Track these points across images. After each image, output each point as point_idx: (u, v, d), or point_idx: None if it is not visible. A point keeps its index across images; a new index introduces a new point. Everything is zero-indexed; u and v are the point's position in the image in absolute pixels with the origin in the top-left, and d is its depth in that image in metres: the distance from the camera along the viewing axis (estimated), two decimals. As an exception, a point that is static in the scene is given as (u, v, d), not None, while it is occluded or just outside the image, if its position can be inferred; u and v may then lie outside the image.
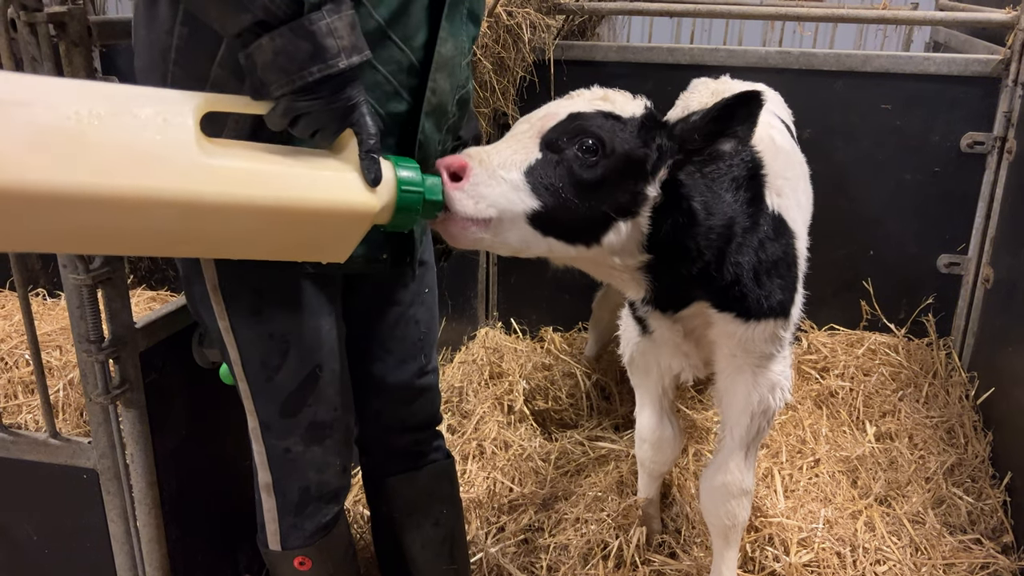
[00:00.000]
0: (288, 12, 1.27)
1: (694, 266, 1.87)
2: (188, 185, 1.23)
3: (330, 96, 1.33)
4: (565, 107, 1.71)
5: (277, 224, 1.35)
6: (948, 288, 3.71)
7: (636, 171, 1.70)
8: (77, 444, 1.98)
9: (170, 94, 1.31)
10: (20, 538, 2.14)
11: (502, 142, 1.67)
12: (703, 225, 1.83)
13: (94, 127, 1.17)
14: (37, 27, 1.57)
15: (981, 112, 3.47)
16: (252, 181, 1.30)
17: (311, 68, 1.29)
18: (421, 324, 2.03)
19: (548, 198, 1.61)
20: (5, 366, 3.05)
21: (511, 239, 1.64)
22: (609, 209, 1.68)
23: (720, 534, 2.37)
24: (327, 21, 1.29)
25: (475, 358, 3.71)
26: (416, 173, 1.49)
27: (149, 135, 1.21)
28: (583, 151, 1.63)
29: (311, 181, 1.35)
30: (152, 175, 1.21)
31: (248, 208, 1.30)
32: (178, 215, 1.25)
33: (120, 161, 1.18)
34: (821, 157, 3.56)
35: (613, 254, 1.77)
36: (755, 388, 2.15)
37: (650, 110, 1.75)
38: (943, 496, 2.90)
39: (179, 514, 2.08)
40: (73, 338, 1.81)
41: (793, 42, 6.29)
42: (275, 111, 1.34)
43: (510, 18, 3.38)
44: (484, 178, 1.57)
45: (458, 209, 1.55)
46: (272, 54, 1.28)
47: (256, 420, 1.80)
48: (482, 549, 2.65)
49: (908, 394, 3.47)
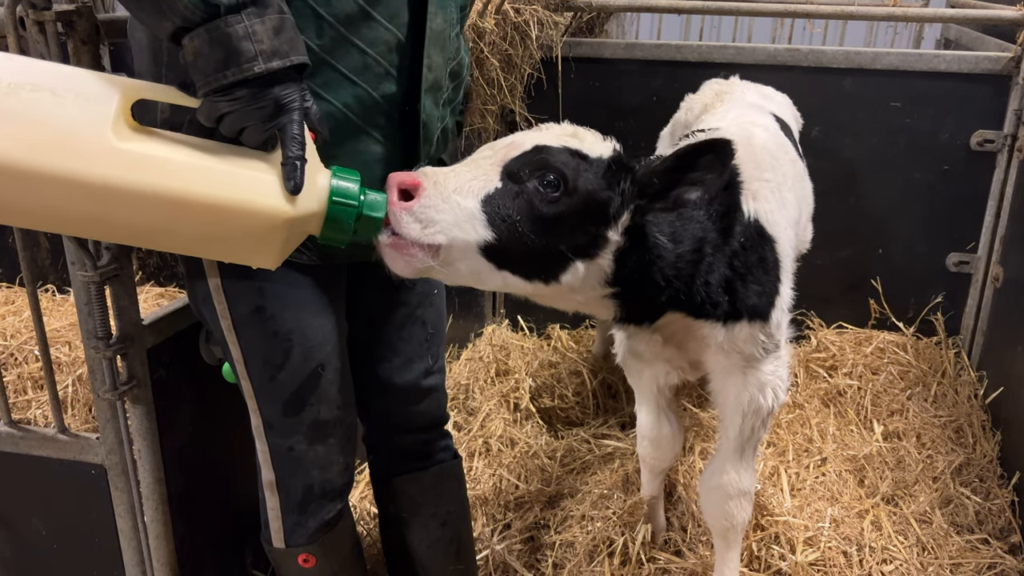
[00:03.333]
0: (204, 16, 1.27)
1: (662, 295, 1.81)
2: (92, 167, 1.23)
3: (250, 99, 1.31)
4: (532, 138, 1.64)
5: (188, 217, 1.32)
6: (957, 287, 3.70)
7: (597, 213, 1.62)
8: (85, 440, 1.99)
9: (103, 79, 1.31)
10: (29, 533, 2.16)
11: (461, 165, 1.59)
12: (670, 256, 1.77)
13: (7, 98, 1.19)
14: (45, 25, 1.58)
15: (991, 110, 3.45)
16: (161, 169, 1.28)
17: (225, 72, 1.28)
18: (428, 325, 2.03)
19: (504, 231, 1.53)
20: (15, 362, 3.07)
21: (461, 269, 1.55)
22: (567, 249, 1.61)
23: (720, 535, 2.37)
24: (245, 24, 1.28)
25: (482, 355, 3.72)
26: (354, 185, 1.43)
27: (64, 113, 1.22)
28: (544, 185, 1.56)
29: (225, 178, 1.32)
30: (58, 152, 1.21)
31: (154, 196, 1.28)
32: (84, 196, 1.25)
33: (27, 134, 1.20)
34: (830, 155, 3.56)
35: (573, 291, 1.70)
36: (745, 388, 2.12)
37: (618, 153, 1.68)
38: (951, 496, 2.89)
39: (187, 510, 2.09)
40: (81, 335, 1.82)
41: (803, 39, 6.25)
42: (200, 110, 1.34)
43: (518, 15, 3.38)
44: (437, 201, 1.48)
45: (403, 231, 1.46)
46: (192, 56, 1.29)
47: (259, 418, 1.80)
48: (488, 546, 2.65)
49: (916, 393, 3.45)
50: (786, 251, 2.12)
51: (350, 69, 1.56)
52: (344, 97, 1.57)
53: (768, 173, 2.15)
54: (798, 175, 2.61)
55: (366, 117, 1.62)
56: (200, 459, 2.15)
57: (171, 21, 1.28)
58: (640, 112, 3.72)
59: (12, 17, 1.59)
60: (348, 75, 1.56)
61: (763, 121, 2.58)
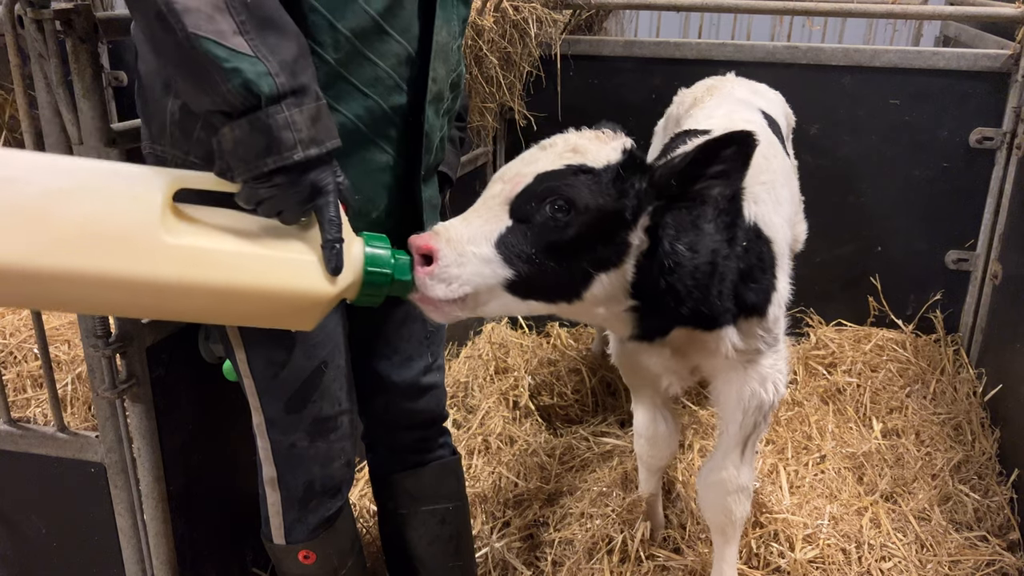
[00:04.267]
0: (245, 103, 1.30)
1: (685, 307, 1.82)
2: (148, 267, 1.27)
3: (288, 185, 1.35)
4: (533, 166, 1.66)
5: (236, 303, 1.39)
6: (956, 284, 3.70)
7: (613, 223, 1.64)
8: (85, 438, 1.99)
9: (144, 172, 1.35)
10: (29, 531, 2.16)
11: (472, 212, 1.64)
12: (690, 266, 1.77)
13: (61, 203, 1.21)
14: (44, 24, 1.58)
15: (990, 107, 3.45)
16: (210, 263, 1.33)
17: (266, 160, 1.32)
18: (428, 322, 2.03)
19: (522, 265, 1.58)
20: (14, 360, 3.06)
21: (490, 308, 1.63)
22: (588, 265, 1.65)
23: (719, 531, 2.37)
24: (286, 115, 1.32)
25: (481, 353, 3.72)
26: (386, 251, 1.51)
27: (116, 214, 1.26)
28: (553, 212, 1.59)
29: (270, 265, 1.38)
30: (114, 254, 1.25)
31: (206, 289, 1.33)
32: (139, 291, 1.29)
33: (84, 240, 1.23)
34: (829, 153, 3.56)
35: (597, 305, 1.73)
36: (746, 383, 2.13)
37: (629, 154, 1.68)
38: (949, 493, 2.89)
39: (186, 508, 2.09)
40: (80, 333, 1.82)
41: (802, 37, 6.25)
42: (239, 195, 1.38)
43: (516, 13, 3.38)
44: (453, 258, 1.55)
45: (431, 294, 1.54)
46: (232, 143, 1.32)
47: (261, 416, 1.80)
48: (487, 544, 2.66)
49: (915, 390, 3.46)
50: (782, 249, 2.13)
51: (362, 81, 1.58)
52: (356, 108, 1.59)
53: (764, 175, 2.16)
54: (786, 172, 2.61)
55: (375, 128, 1.64)
56: (200, 457, 2.15)
57: (210, 99, 1.31)
58: (639, 110, 3.71)
59: (10, 15, 1.59)
60: (360, 87, 1.58)
61: (752, 118, 2.58)
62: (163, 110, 1.55)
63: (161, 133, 1.57)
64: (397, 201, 1.75)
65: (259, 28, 1.32)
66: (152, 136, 1.60)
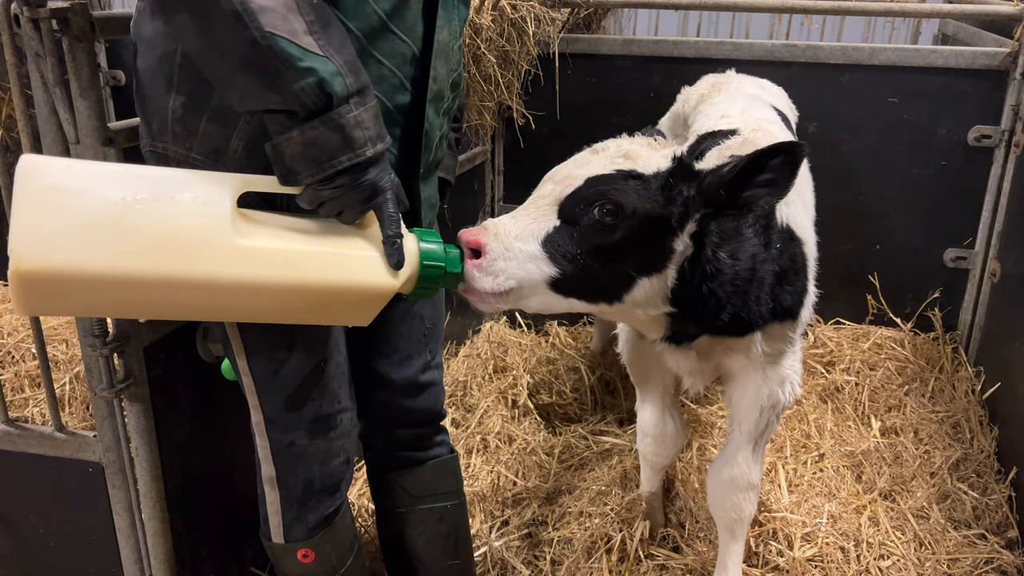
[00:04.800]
0: (316, 102, 1.33)
1: (725, 313, 1.84)
2: (223, 268, 1.33)
3: (351, 183, 1.40)
4: (584, 169, 1.70)
5: (305, 299, 1.44)
6: (955, 282, 3.70)
7: (659, 229, 1.69)
8: (82, 438, 1.99)
9: (211, 178, 1.39)
10: (27, 531, 2.16)
11: (522, 209, 1.70)
12: (730, 272, 1.81)
13: (137, 212, 1.26)
14: (40, 22, 1.57)
15: (989, 105, 3.45)
16: (282, 262, 1.38)
17: (340, 158, 1.36)
18: (426, 320, 2.03)
19: (567, 265, 1.64)
20: (12, 360, 3.06)
21: (532, 303, 1.69)
22: (631, 269, 1.70)
23: (726, 527, 2.37)
24: (355, 114, 1.36)
25: (479, 352, 3.72)
26: (439, 246, 1.56)
27: (188, 219, 1.31)
28: (602, 215, 1.64)
29: (337, 260, 1.43)
30: (190, 258, 1.30)
31: (278, 287, 1.38)
32: (212, 292, 1.34)
33: (161, 245, 1.28)
34: (827, 151, 3.56)
35: (636, 307, 1.77)
36: (765, 383, 2.15)
37: (679, 160, 1.70)
38: (948, 491, 2.89)
39: (184, 508, 2.09)
40: (78, 333, 1.82)
41: (800, 35, 6.25)
42: (302, 198, 1.42)
43: (514, 11, 3.37)
44: (501, 252, 1.61)
45: (478, 287, 1.61)
46: (303, 146, 1.34)
47: (260, 414, 1.80)
48: (486, 543, 2.66)
49: (914, 389, 3.46)
50: (812, 251, 2.15)
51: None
52: None
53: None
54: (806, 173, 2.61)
55: None
56: (198, 456, 2.15)
57: (279, 96, 1.32)
58: (637, 108, 3.72)
59: (6, 14, 1.59)
60: None
61: (771, 116, 2.57)
62: (164, 107, 1.54)
63: (162, 130, 1.56)
64: None
65: (325, 28, 1.34)
66: (152, 134, 1.59)
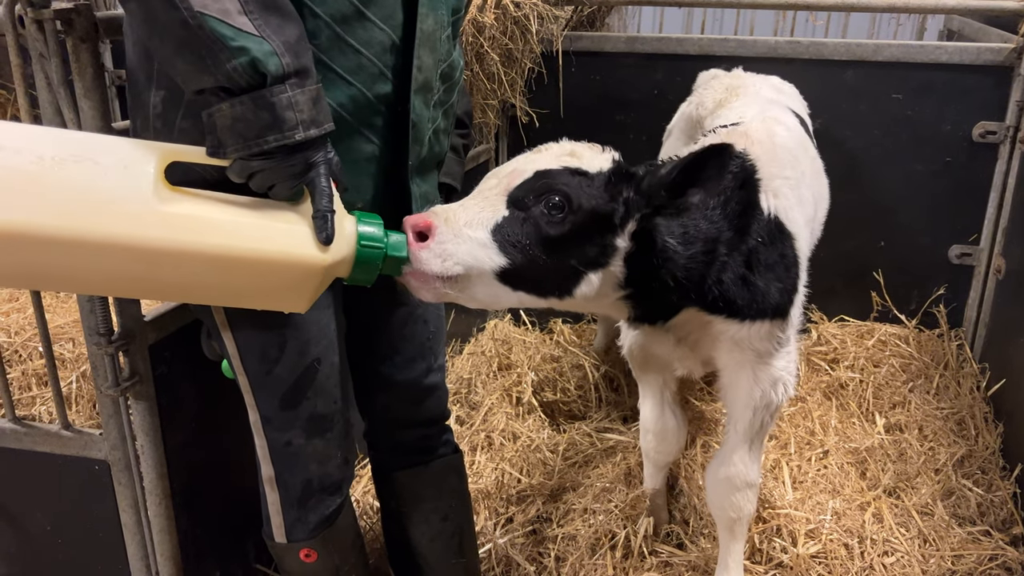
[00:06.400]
0: (251, 82, 1.32)
1: (673, 294, 1.86)
2: (142, 230, 1.29)
3: (283, 159, 1.37)
4: (532, 164, 1.70)
5: (229, 272, 1.39)
6: (959, 279, 3.69)
7: (603, 225, 1.69)
8: (88, 436, 2.00)
9: (137, 144, 1.37)
10: (33, 528, 2.17)
11: (469, 199, 1.68)
12: (681, 257, 1.82)
13: (55, 171, 1.24)
14: (44, 23, 1.58)
15: (993, 101, 3.44)
16: (204, 228, 1.34)
17: (267, 137, 1.34)
18: (430, 323, 2.04)
19: (516, 255, 1.62)
20: (19, 358, 3.07)
21: (479, 294, 1.66)
22: (578, 263, 1.69)
23: (726, 527, 2.37)
24: (289, 95, 1.34)
25: (484, 350, 3.72)
26: (379, 229, 1.52)
27: (108, 181, 1.28)
28: (549, 208, 1.63)
29: (263, 232, 1.39)
30: (107, 219, 1.27)
31: (199, 255, 1.34)
32: (132, 258, 1.31)
33: (77, 204, 1.25)
34: (831, 147, 3.54)
35: (588, 301, 1.78)
36: (756, 383, 2.15)
37: (618, 163, 1.74)
38: (952, 488, 2.89)
39: (190, 505, 2.10)
40: (83, 331, 1.83)
41: (805, 32, 6.24)
42: (231, 168, 1.40)
43: (518, 9, 3.37)
44: (450, 236, 1.59)
45: (424, 268, 1.57)
46: (231, 119, 1.33)
47: (257, 413, 1.81)
48: (490, 540, 2.66)
49: (918, 385, 3.45)
50: (804, 248, 2.15)
51: (345, 69, 1.57)
52: (339, 97, 1.58)
53: (788, 171, 2.17)
54: (816, 172, 2.61)
55: (360, 117, 1.63)
56: (203, 454, 2.16)
57: (212, 77, 1.31)
58: (641, 105, 3.72)
59: (11, 15, 1.60)
60: (343, 75, 1.57)
61: (784, 118, 2.57)
62: (147, 103, 1.54)
63: (145, 127, 1.57)
64: (385, 193, 1.73)
65: (262, 9, 1.33)
66: (136, 130, 1.60)
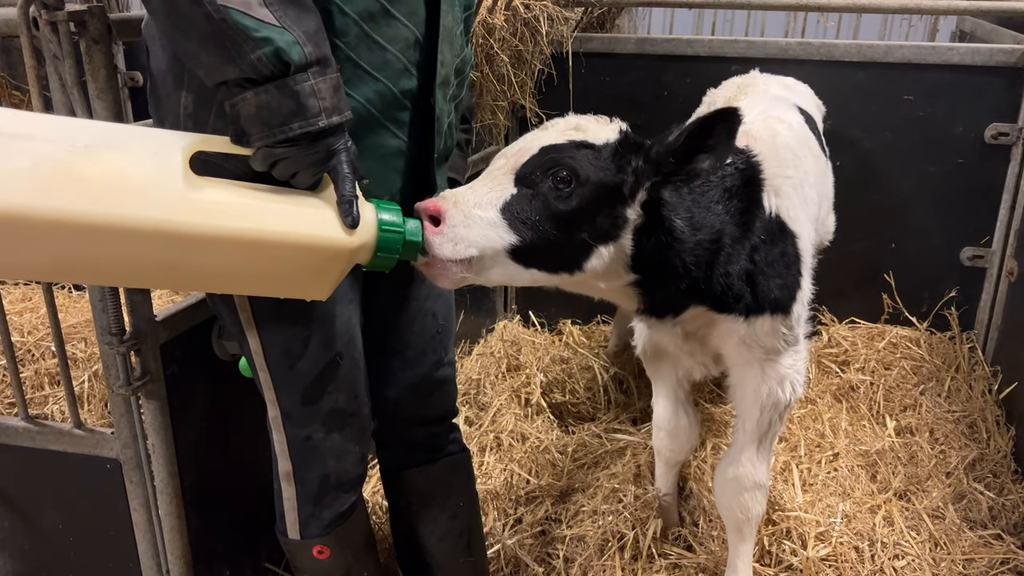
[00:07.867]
0: (275, 71, 1.34)
1: (682, 282, 1.87)
2: (171, 215, 1.31)
3: (306, 146, 1.40)
4: (537, 141, 1.72)
5: (257, 256, 1.42)
6: (971, 281, 3.67)
7: (612, 196, 1.71)
8: (100, 434, 2.02)
9: (163, 133, 1.40)
10: (46, 526, 2.19)
11: (478, 181, 1.70)
12: (688, 242, 1.83)
13: (86, 158, 1.25)
14: (58, 25, 1.60)
15: (1006, 103, 3.42)
16: (234, 213, 1.36)
17: (292, 124, 1.37)
18: (439, 317, 2.04)
19: (526, 232, 1.63)
20: (32, 358, 3.10)
21: (494, 274, 1.68)
22: (588, 236, 1.70)
23: (734, 528, 2.37)
24: (312, 83, 1.37)
25: (493, 351, 3.73)
26: (397, 216, 1.55)
27: (138, 168, 1.30)
28: (557, 183, 1.65)
29: (291, 216, 1.42)
30: (137, 205, 1.29)
31: (230, 239, 1.36)
32: (162, 244, 1.32)
33: (108, 191, 1.26)
34: (843, 149, 3.54)
35: (597, 278, 1.79)
36: (764, 381, 2.15)
37: (625, 133, 1.75)
38: (964, 491, 2.87)
39: (200, 504, 2.11)
40: (96, 331, 1.85)
41: (816, 33, 6.21)
42: (255, 157, 1.42)
43: (527, 11, 3.38)
44: (460, 219, 1.60)
45: (438, 253, 1.59)
46: (255, 108, 1.36)
47: (277, 409, 1.82)
48: (499, 540, 2.67)
49: (930, 388, 3.43)
50: (806, 246, 2.15)
51: (371, 65, 1.59)
52: (366, 92, 1.61)
53: (790, 170, 2.17)
54: (820, 171, 2.60)
55: (386, 112, 1.66)
56: (214, 453, 2.17)
57: (237, 68, 1.33)
58: (651, 107, 3.71)
59: (25, 17, 1.61)
60: (370, 71, 1.60)
61: (787, 117, 2.56)
62: (176, 104, 1.56)
63: (175, 128, 1.59)
64: (411, 186, 1.76)
65: (281, 1, 1.35)
66: None
